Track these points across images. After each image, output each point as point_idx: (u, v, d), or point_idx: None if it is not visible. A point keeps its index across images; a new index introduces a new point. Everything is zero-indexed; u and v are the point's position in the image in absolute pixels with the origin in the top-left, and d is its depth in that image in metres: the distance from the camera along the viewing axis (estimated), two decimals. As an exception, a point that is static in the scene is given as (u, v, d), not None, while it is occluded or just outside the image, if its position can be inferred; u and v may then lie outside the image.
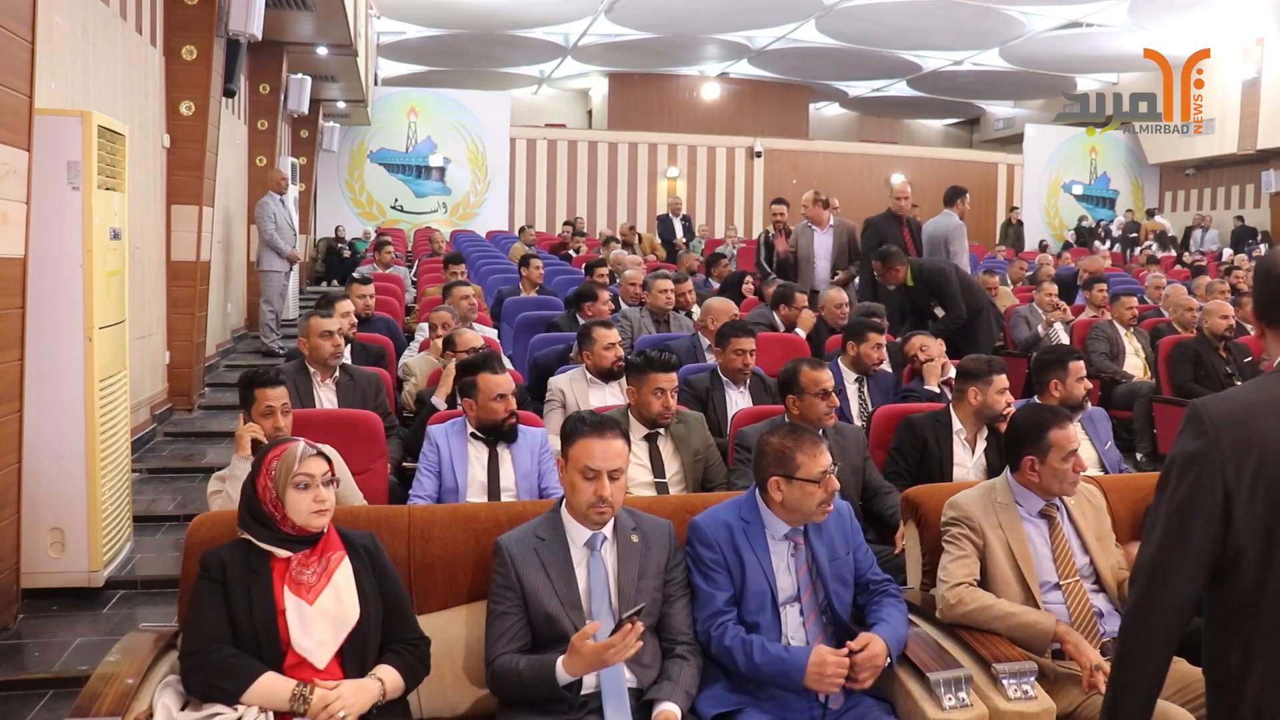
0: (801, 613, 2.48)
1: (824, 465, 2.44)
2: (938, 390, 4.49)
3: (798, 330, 5.98)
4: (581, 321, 5.82)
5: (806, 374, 3.63)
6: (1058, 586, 2.69)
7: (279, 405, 3.36)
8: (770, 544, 2.50)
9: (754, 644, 2.35)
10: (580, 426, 2.43)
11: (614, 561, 2.40)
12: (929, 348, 4.73)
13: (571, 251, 11.80)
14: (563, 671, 2.26)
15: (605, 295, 6.04)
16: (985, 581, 2.69)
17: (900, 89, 21.00)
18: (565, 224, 14.56)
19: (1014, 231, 16.43)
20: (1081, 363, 3.94)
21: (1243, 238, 16.20)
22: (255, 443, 3.22)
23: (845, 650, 2.34)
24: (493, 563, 2.43)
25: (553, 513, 2.48)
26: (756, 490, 2.54)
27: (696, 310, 6.34)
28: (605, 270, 7.77)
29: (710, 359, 5.05)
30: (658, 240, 13.51)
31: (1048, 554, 2.72)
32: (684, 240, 12.94)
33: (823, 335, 5.89)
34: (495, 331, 6.40)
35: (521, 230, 13.29)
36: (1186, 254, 15.25)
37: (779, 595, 2.47)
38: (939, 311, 6.03)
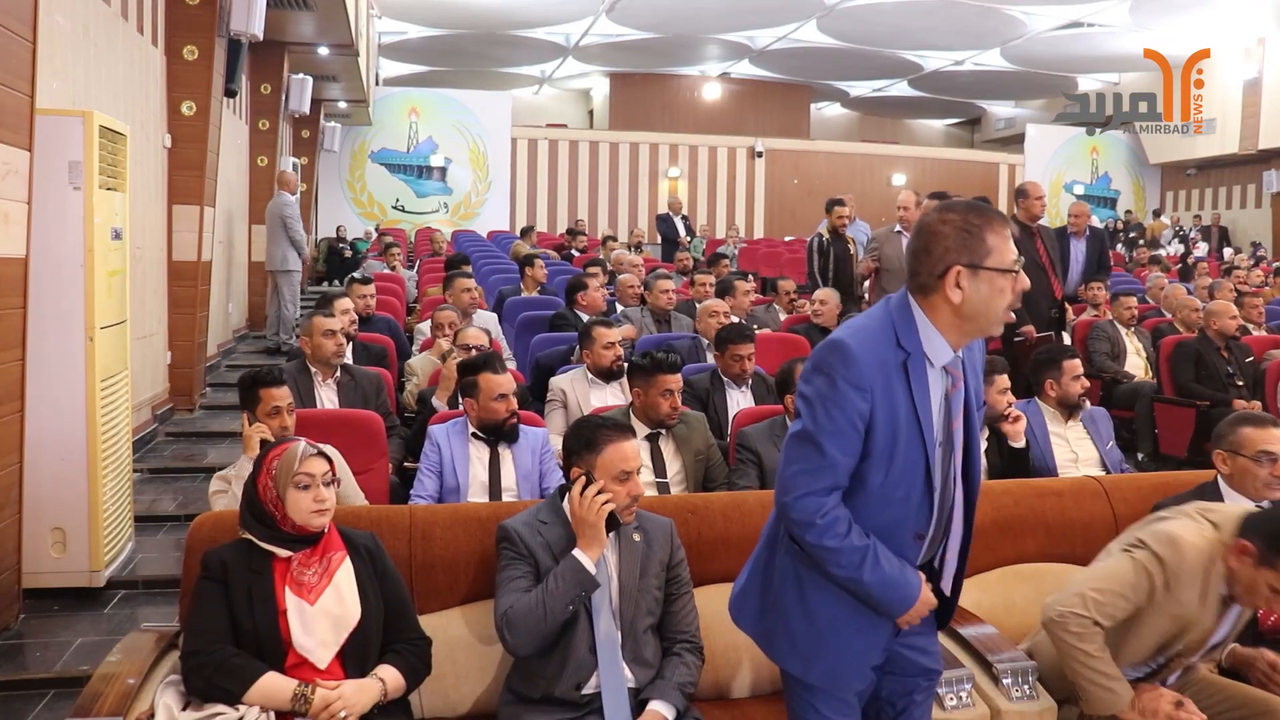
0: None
1: (1015, 253, 1.84)
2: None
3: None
4: (576, 313, 5.90)
5: (803, 371, 3.62)
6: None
7: (285, 404, 3.37)
8: (930, 379, 1.86)
9: (875, 553, 1.83)
10: (603, 433, 2.40)
11: (615, 559, 2.41)
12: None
13: (574, 251, 11.81)
14: (584, 557, 2.31)
15: (595, 284, 6.13)
16: (1124, 626, 2.31)
17: (901, 89, 21.01)
18: (567, 230, 14.60)
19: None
20: (1077, 361, 3.95)
21: (1203, 236, 16.61)
22: (263, 442, 3.22)
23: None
24: (497, 547, 2.43)
25: (552, 500, 2.49)
26: (911, 300, 1.87)
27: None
28: (595, 269, 7.69)
29: (711, 359, 5.06)
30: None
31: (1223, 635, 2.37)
32: (687, 239, 12.94)
33: (814, 337, 5.89)
34: (496, 316, 6.42)
35: (524, 232, 13.30)
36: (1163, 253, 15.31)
37: (933, 463, 1.87)
38: None
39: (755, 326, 6.41)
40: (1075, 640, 2.24)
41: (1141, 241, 15.93)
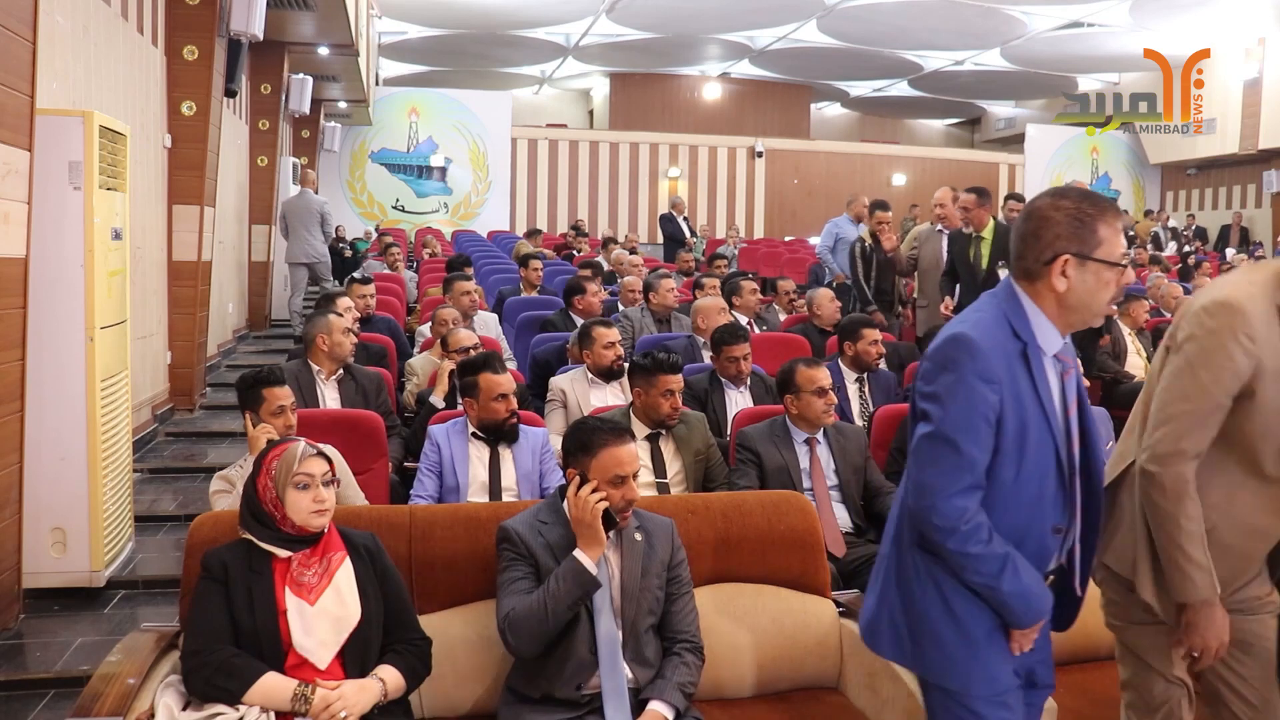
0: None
1: (1125, 246, 1.84)
2: None
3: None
4: (574, 316, 5.90)
5: (802, 373, 3.64)
6: None
7: (289, 404, 3.37)
8: (1049, 370, 1.84)
9: (1014, 562, 1.77)
10: (599, 436, 2.39)
11: (617, 560, 2.40)
12: None
13: (575, 251, 11.81)
14: (584, 557, 2.30)
15: (594, 288, 6.11)
16: (1245, 411, 1.97)
17: (901, 89, 21.01)
18: (570, 228, 14.61)
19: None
20: None
21: (1197, 235, 16.79)
22: (269, 442, 3.21)
23: None
24: (498, 548, 2.42)
25: (552, 500, 2.49)
26: (1017, 288, 1.86)
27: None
28: (589, 271, 7.66)
29: (707, 358, 5.06)
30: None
31: None
32: (693, 240, 12.95)
33: (813, 337, 5.88)
34: (496, 317, 6.43)
35: (529, 233, 13.31)
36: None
37: (1062, 452, 1.83)
38: (1003, 273, 5.69)
39: (763, 327, 6.44)
40: (1160, 498, 1.96)
41: (1133, 237, 16.00)
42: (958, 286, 5.90)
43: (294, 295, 9.38)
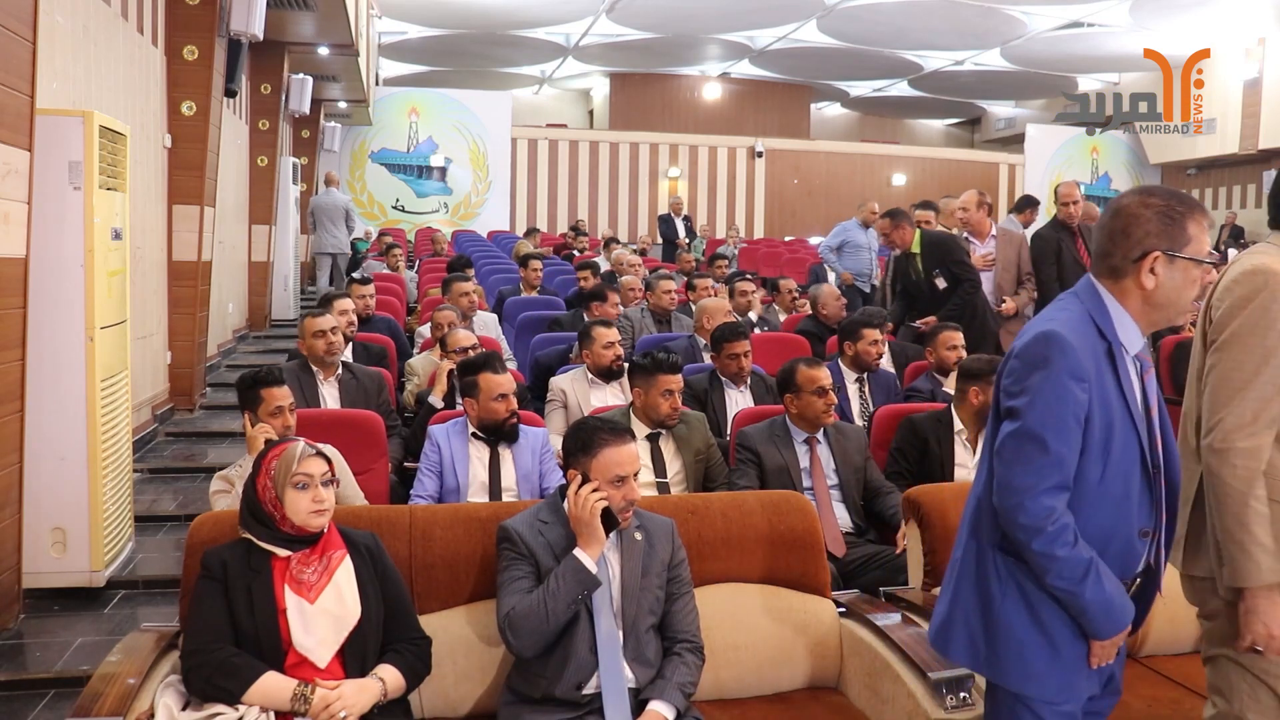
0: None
1: (1209, 245, 1.85)
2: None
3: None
4: (587, 320, 5.86)
5: (803, 372, 3.64)
6: None
7: (287, 404, 3.37)
8: (1131, 370, 1.85)
9: (1098, 569, 1.75)
10: (599, 436, 2.39)
11: (617, 560, 2.41)
12: (959, 346, 4.48)
13: (575, 251, 11.81)
14: (584, 556, 2.31)
15: (615, 299, 6.02)
16: None
17: (901, 89, 21.02)
18: (570, 228, 14.63)
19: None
20: None
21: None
22: (268, 441, 3.22)
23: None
24: (498, 547, 2.42)
25: (553, 500, 2.49)
26: (1100, 286, 1.85)
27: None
28: (588, 271, 7.64)
29: (708, 359, 5.06)
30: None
31: None
32: (686, 240, 12.96)
33: (814, 337, 5.87)
34: (496, 317, 6.42)
35: (528, 233, 13.32)
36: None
37: (1147, 452, 1.83)
38: (940, 283, 5.52)
39: (764, 328, 6.43)
40: (1232, 478, 1.86)
41: None
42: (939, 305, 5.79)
43: (319, 280, 11.08)
